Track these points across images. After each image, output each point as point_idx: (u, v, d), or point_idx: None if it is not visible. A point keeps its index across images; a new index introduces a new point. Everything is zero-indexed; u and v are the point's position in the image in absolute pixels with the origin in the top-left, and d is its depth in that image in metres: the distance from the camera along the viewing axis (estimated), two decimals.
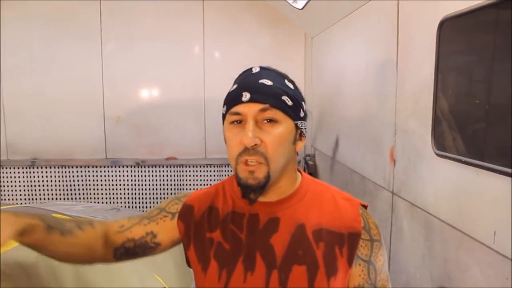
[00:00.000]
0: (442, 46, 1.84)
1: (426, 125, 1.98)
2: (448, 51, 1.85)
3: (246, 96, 1.13)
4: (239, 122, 1.14)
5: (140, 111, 4.95)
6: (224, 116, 1.19)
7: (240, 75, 1.22)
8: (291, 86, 1.19)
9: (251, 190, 1.15)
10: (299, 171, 1.30)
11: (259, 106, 1.12)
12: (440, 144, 1.89)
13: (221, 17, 4.89)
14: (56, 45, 4.78)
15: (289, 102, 1.14)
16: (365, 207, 1.27)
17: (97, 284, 1.55)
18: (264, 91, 1.13)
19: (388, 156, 2.50)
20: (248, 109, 1.12)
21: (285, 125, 1.14)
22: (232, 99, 1.15)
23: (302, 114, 1.19)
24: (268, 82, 1.14)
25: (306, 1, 3.66)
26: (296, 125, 1.18)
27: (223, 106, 1.19)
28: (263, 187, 1.14)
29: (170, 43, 4.88)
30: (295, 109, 1.16)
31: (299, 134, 1.21)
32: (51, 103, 4.82)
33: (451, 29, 1.80)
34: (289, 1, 3.95)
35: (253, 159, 1.12)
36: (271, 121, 1.13)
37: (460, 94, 1.87)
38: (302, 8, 3.84)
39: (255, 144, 1.11)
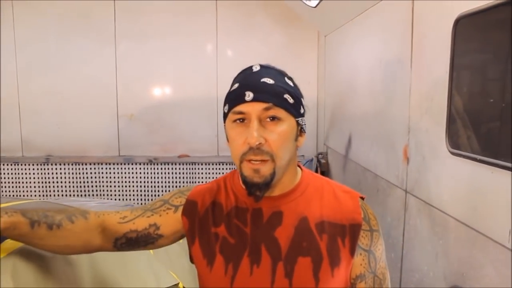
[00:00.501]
0: (457, 44, 1.83)
1: (441, 123, 1.98)
2: (463, 49, 1.84)
3: (249, 95, 1.14)
4: (242, 120, 1.16)
5: (153, 109, 4.99)
6: (226, 115, 1.21)
7: (240, 73, 1.23)
8: (291, 84, 1.22)
9: (257, 188, 1.17)
10: (299, 166, 1.33)
11: (262, 105, 1.14)
12: (455, 142, 1.89)
13: (234, 15, 4.90)
14: (71, 43, 4.82)
15: (291, 100, 1.17)
16: (362, 199, 1.30)
17: (112, 279, 1.57)
18: (266, 90, 1.15)
19: (402, 154, 2.50)
20: (252, 108, 1.14)
21: (288, 122, 1.17)
22: (234, 99, 1.17)
23: (302, 111, 1.22)
24: (270, 81, 1.16)
25: (319, 0, 3.66)
26: (297, 122, 1.20)
27: (225, 105, 1.21)
28: (268, 184, 1.17)
29: (183, 41, 4.91)
30: (296, 106, 1.19)
31: (300, 130, 1.23)
32: (66, 101, 4.88)
33: (466, 26, 1.79)
34: (302, 0, 3.95)
35: (258, 158, 1.14)
36: (274, 119, 1.15)
37: (475, 92, 1.86)
38: (315, 7, 3.84)
39: (260, 143, 1.13)
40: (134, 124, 4.97)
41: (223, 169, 5.04)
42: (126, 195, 5.04)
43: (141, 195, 5.04)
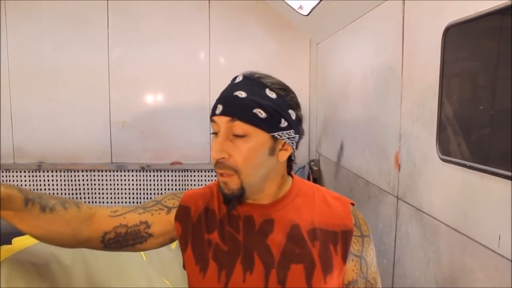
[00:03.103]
0: (447, 52, 1.86)
1: (431, 130, 2.00)
2: (453, 57, 1.87)
3: (219, 108, 1.17)
4: (216, 133, 1.19)
5: (146, 116, 4.98)
6: None
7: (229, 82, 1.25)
8: (272, 96, 1.17)
9: (227, 199, 1.21)
10: (290, 174, 1.33)
11: (228, 120, 1.15)
12: (445, 149, 1.91)
13: (227, 22, 4.91)
14: (64, 49, 4.81)
15: (262, 115, 1.14)
16: (352, 205, 1.33)
17: (105, 284, 1.57)
18: (234, 104, 1.15)
19: (393, 161, 2.52)
20: (220, 121, 1.16)
21: (257, 138, 1.15)
22: (212, 110, 1.21)
23: (284, 124, 1.18)
24: (241, 94, 1.15)
25: (311, 8, 3.68)
26: (273, 136, 1.17)
27: None
28: (238, 197, 1.19)
29: (176, 48, 4.91)
30: (270, 120, 1.16)
31: (283, 144, 1.21)
32: (58, 107, 4.85)
33: (456, 35, 1.82)
34: (294, 8, 3.97)
35: (221, 172, 1.18)
36: (239, 135, 1.15)
37: (465, 100, 1.88)
38: (307, 15, 3.87)
39: (223, 158, 1.15)
40: (126, 131, 4.96)
41: (215, 176, 4.99)
42: (118, 202, 5.01)
43: (133, 202, 5.02)
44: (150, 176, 5.03)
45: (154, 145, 5.00)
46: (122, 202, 5.01)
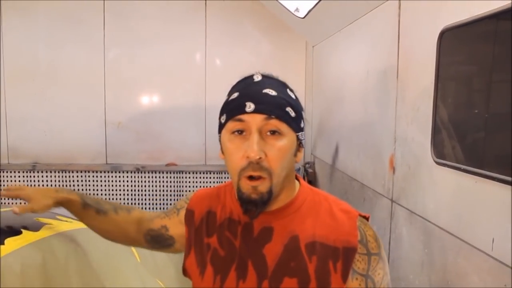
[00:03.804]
0: (442, 55, 1.87)
1: (426, 133, 2.01)
2: (448, 61, 1.88)
3: (250, 106, 1.08)
4: (240, 132, 1.11)
5: (141, 117, 4.97)
6: (222, 125, 1.15)
7: (240, 82, 1.18)
8: (293, 96, 1.17)
9: (253, 205, 1.11)
10: (298, 179, 1.26)
11: (264, 118, 1.08)
12: (440, 152, 1.92)
13: (223, 24, 4.92)
14: (59, 50, 4.80)
15: (292, 114, 1.12)
16: (366, 218, 1.22)
17: (99, 284, 1.56)
18: (268, 102, 1.09)
19: (388, 164, 2.52)
20: (253, 119, 1.08)
21: (288, 137, 1.11)
22: (234, 109, 1.11)
23: (302, 125, 1.16)
24: (272, 92, 1.11)
25: (308, 11, 3.69)
26: (297, 136, 1.15)
27: (221, 115, 1.15)
28: (265, 202, 1.11)
29: (172, 49, 4.91)
30: (297, 120, 1.14)
31: (298, 144, 1.17)
32: (53, 107, 4.84)
33: (451, 39, 1.82)
34: (291, 10, 3.98)
35: (257, 174, 1.08)
36: (274, 133, 1.09)
37: (459, 103, 1.89)
38: (304, 17, 3.88)
39: (260, 158, 1.07)
40: (122, 132, 4.95)
41: (210, 177, 5.03)
42: None
43: (128, 203, 5.00)
44: (145, 177, 5.02)
45: (149, 146, 4.99)
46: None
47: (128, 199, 5.01)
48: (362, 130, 3.06)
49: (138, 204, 4.99)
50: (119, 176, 5.00)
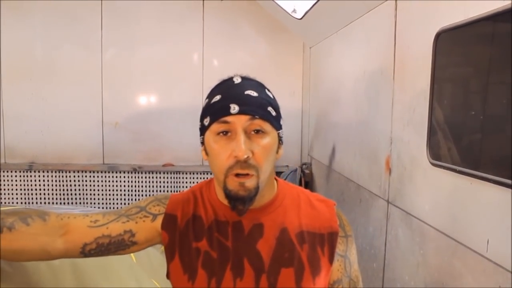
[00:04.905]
0: (438, 57, 1.87)
1: (422, 134, 2.01)
2: (444, 62, 1.88)
3: (234, 108, 1.13)
4: (226, 133, 1.14)
5: (138, 117, 4.97)
6: (206, 128, 1.18)
7: (220, 84, 1.21)
8: (271, 96, 1.22)
9: (241, 202, 1.15)
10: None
11: (248, 118, 1.13)
12: (435, 153, 1.92)
13: (221, 25, 4.92)
14: (57, 49, 4.80)
15: (273, 113, 1.18)
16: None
17: (94, 285, 1.56)
18: (251, 103, 1.14)
19: (384, 165, 2.53)
20: (238, 120, 1.12)
21: (272, 135, 1.17)
22: (218, 111, 1.15)
23: (281, 123, 1.23)
24: (253, 94, 1.16)
25: (305, 12, 3.70)
26: (278, 134, 1.21)
27: (204, 118, 1.18)
28: (252, 198, 1.16)
29: (169, 50, 4.91)
30: (278, 119, 1.20)
31: (279, 141, 1.23)
32: (50, 107, 4.84)
33: (447, 40, 1.83)
34: (288, 11, 3.99)
35: (245, 172, 1.12)
36: (258, 132, 1.14)
37: (455, 105, 1.90)
38: (301, 18, 3.88)
39: (248, 156, 1.11)
40: (118, 132, 4.95)
41: (207, 178, 5.01)
42: (109, 203, 5.00)
43: (124, 203, 5.01)
44: (141, 177, 5.02)
45: (146, 146, 4.99)
46: (113, 203, 4.99)
47: (124, 199, 5.01)
48: (358, 131, 3.07)
49: None
50: (116, 176, 4.99)
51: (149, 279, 1.93)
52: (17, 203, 4.90)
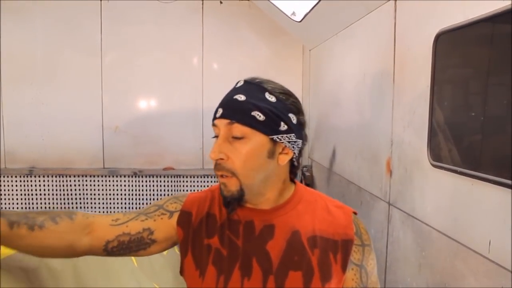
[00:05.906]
0: (438, 58, 1.87)
1: (422, 136, 2.01)
2: (444, 64, 1.88)
3: (219, 112, 1.18)
4: (217, 137, 1.20)
5: (138, 121, 4.97)
6: None
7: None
8: (272, 100, 1.19)
9: (226, 201, 1.21)
10: (293, 181, 1.34)
11: (227, 122, 1.16)
12: (436, 155, 1.92)
13: (220, 28, 4.92)
14: (56, 54, 4.79)
15: (260, 117, 1.16)
16: (355, 214, 1.34)
17: None
18: (233, 107, 1.17)
19: (385, 167, 2.53)
20: (220, 124, 1.18)
21: (255, 140, 1.17)
22: (213, 114, 1.21)
23: (283, 128, 1.19)
24: (241, 98, 1.17)
25: (304, 14, 3.70)
26: (272, 139, 1.18)
27: None
28: (237, 199, 1.19)
29: (169, 54, 4.91)
30: (269, 123, 1.17)
31: (283, 147, 1.22)
32: (50, 112, 4.83)
33: (447, 42, 1.83)
34: (287, 14, 3.99)
35: (219, 173, 1.18)
36: (237, 137, 1.17)
37: (455, 106, 1.90)
38: (300, 21, 3.89)
39: (221, 159, 1.16)
40: (119, 136, 4.95)
41: (207, 181, 5.03)
42: (110, 207, 5.00)
43: (126, 207, 5.00)
44: (142, 181, 5.01)
45: (146, 150, 4.98)
46: (114, 208, 4.99)
47: (125, 203, 5.00)
48: (359, 134, 3.06)
49: (136, 208, 4.98)
50: (117, 181, 4.99)
51: (151, 283, 1.93)
52: (17, 208, 4.90)
